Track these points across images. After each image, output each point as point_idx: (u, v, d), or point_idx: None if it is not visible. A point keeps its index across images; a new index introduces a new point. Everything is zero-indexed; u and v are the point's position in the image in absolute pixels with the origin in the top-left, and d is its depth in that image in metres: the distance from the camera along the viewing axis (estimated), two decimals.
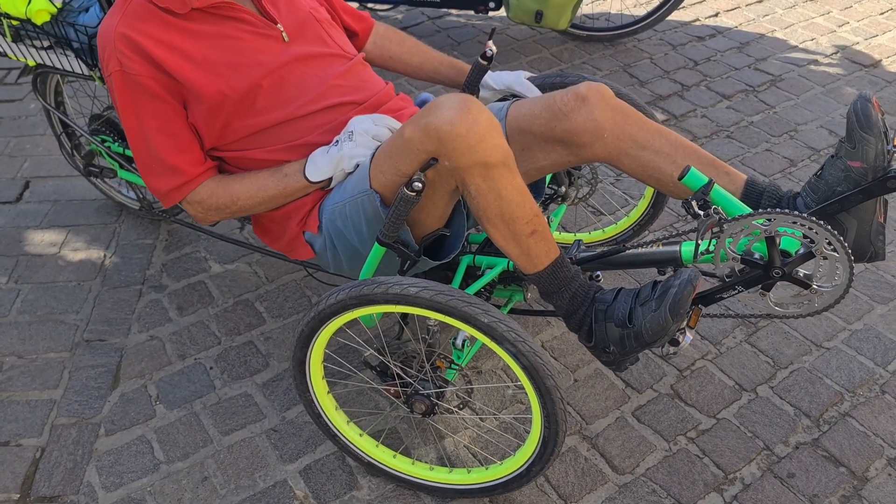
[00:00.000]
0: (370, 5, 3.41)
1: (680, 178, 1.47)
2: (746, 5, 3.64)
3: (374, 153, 1.53)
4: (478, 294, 1.73)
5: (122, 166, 2.19)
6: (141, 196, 2.31)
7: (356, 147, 1.55)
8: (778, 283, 1.45)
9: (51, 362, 1.97)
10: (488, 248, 1.81)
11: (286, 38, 1.67)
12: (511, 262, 1.73)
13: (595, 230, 2.26)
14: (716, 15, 3.58)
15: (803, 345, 2.00)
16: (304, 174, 1.59)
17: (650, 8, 3.38)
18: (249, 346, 2.02)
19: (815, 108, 2.92)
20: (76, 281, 2.22)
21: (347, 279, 1.94)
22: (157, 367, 1.96)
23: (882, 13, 3.54)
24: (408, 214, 1.47)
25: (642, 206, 2.11)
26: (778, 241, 1.41)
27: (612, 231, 2.20)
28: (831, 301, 1.43)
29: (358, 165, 1.57)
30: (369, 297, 1.43)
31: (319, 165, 1.58)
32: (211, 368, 1.96)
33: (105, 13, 1.85)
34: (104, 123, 2.16)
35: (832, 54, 3.25)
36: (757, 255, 1.45)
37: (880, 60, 3.20)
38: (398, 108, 1.77)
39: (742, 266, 1.47)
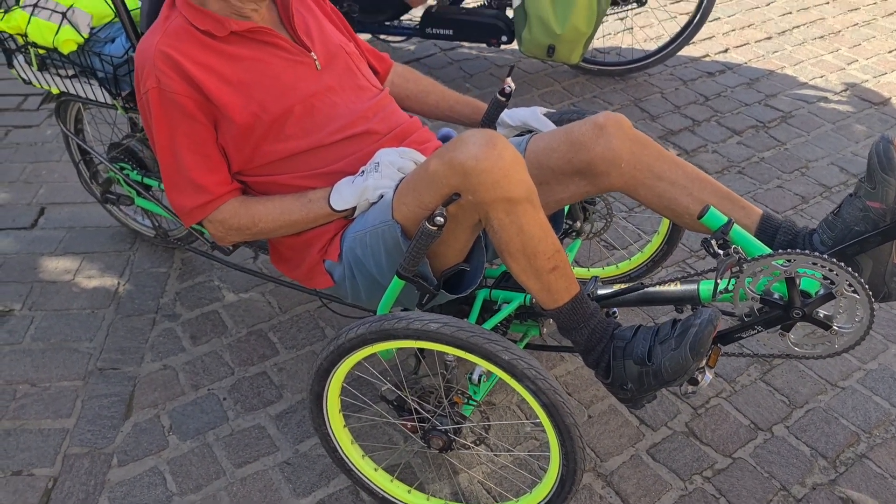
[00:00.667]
0: (383, 37, 3.45)
1: (699, 217, 1.48)
2: (756, 42, 3.68)
3: (398, 185, 1.54)
4: (494, 329, 1.73)
5: (139, 194, 2.21)
6: (156, 224, 2.32)
7: (381, 178, 1.57)
8: (797, 323, 1.45)
9: (64, 391, 1.97)
10: (504, 282, 1.81)
11: (319, 67, 1.70)
12: (528, 297, 1.73)
13: (609, 265, 2.26)
14: (725, 51, 3.61)
15: (818, 384, 2.00)
16: (329, 202, 1.60)
17: (661, 43, 3.41)
18: (263, 377, 2.02)
19: (826, 146, 2.93)
20: (90, 308, 2.22)
21: (363, 310, 1.94)
22: (171, 397, 1.96)
23: (890, 51, 3.58)
24: (428, 248, 1.47)
25: (656, 241, 2.12)
26: (798, 282, 1.41)
27: (625, 267, 2.21)
28: (852, 342, 1.43)
29: (382, 196, 1.58)
30: (390, 332, 1.43)
31: (344, 195, 1.59)
32: (224, 399, 1.95)
33: (131, 44, 1.87)
34: (123, 151, 2.18)
35: (841, 91, 3.28)
36: (776, 296, 1.45)
37: (890, 98, 3.23)
38: (423, 140, 1.79)
39: (761, 306, 1.47)
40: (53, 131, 3.01)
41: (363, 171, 1.60)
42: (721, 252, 1.45)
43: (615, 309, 1.68)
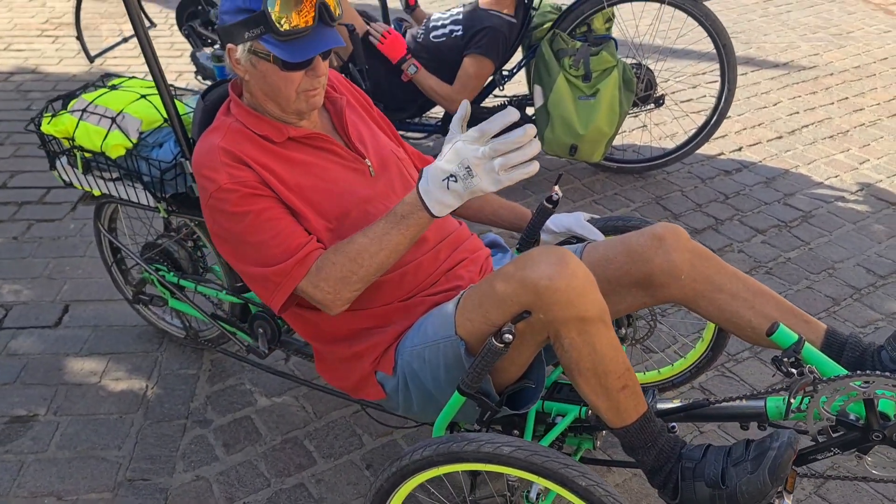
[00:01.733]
0: (401, 132, 3.50)
1: (768, 334, 1.46)
2: (767, 141, 3.76)
3: (460, 298, 1.52)
4: (550, 443, 1.68)
5: (173, 295, 2.17)
6: (187, 324, 2.28)
7: (481, 182, 1.34)
8: (876, 446, 1.41)
9: None
10: (556, 393, 1.77)
11: (373, 173, 1.70)
12: (583, 410, 1.69)
13: (650, 370, 2.22)
14: (739, 149, 3.68)
15: (875, 499, 1.94)
16: (429, 212, 1.41)
17: (678, 142, 3.48)
18: (300, 489, 1.94)
19: (850, 246, 2.96)
20: (118, 413, 2.14)
21: (402, 417, 1.88)
22: None
23: None
24: (493, 365, 1.44)
25: (701, 347, 2.09)
26: (876, 403, 1.38)
27: (668, 372, 2.17)
28: None
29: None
30: (459, 454, 1.38)
31: (445, 201, 1.39)
32: None
33: (181, 149, 1.87)
34: (159, 253, 2.16)
35: (857, 191, 3.33)
36: (852, 416, 1.42)
37: None
38: (474, 248, 1.78)
39: (836, 426, 1.43)
40: (77, 225, 2.98)
41: (455, 176, 1.35)
42: (794, 371, 1.42)
43: (674, 424, 1.64)
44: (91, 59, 2.89)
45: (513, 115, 1.31)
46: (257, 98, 1.64)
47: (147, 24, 3.17)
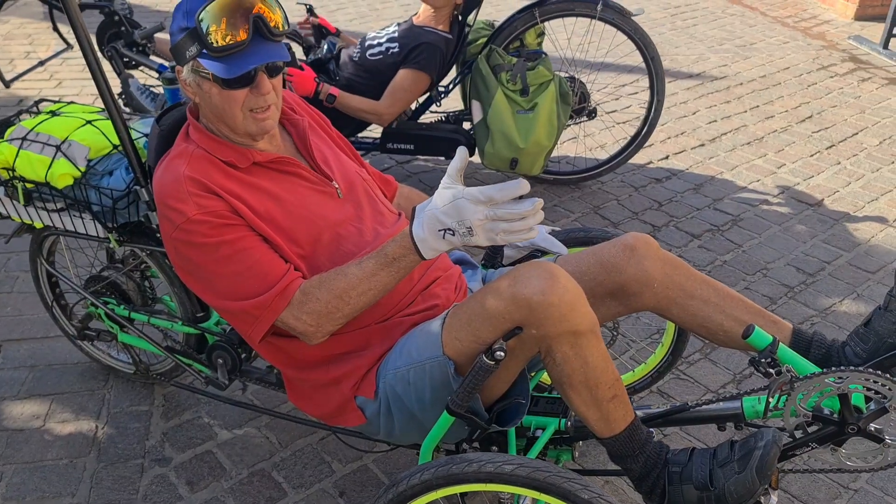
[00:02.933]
0: None
1: (744, 337, 1.51)
2: (692, 149, 3.91)
3: (445, 318, 1.50)
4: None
5: (123, 329, 2.07)
6: (136, 358, 2.17)
7: (478, 240, 1.35)
8: (850, 438, 1.48)
9: None
10: (534, 406, 1.78)
11: (340, 195, 1.67)
12: (563, 421, 1.70)
13: None
14: (666, 158, 3.82)
15: (832, 488, 2.03)
16: (421, 256, 1.40)
17: (611, 152, 3.57)
18: None
19: (779, 246, 3.11)
20: (67, 458, 2.02)
21: (371, 440, 1.84)
22: None
23: (811, 155, 3.88)
24: (483, 383, 1.43)
25: (660, 352, 2.14)
26: (850, 398, 1.45)
27: (629, 378, 2.21)
28: None
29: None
30: (459, 476, 1.36)
31: (439, 248, 1.38)
32: None
33: (134, 177, 1.78)
34: (107, 285, 2.05)
35: (778, 194, 3.51)
36: (827, 411, 1.49)
37: (822, 200, 3.47)
38: (445, 266, 1.77)
39: (813, 422, 1.50)
40: (0, 260, 2.81)
41: (452, 230, 1.34)
42: (773, 371, 1.48)
43: (652, 430, 1.68)
44: (7, 84, 2.73)
45: (523, 187, 1.30)
46: (210, 120, 1.59)
47: (63, 45, 3.01)
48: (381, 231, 1.70)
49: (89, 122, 1.86)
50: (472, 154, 3.29)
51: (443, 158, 3.55)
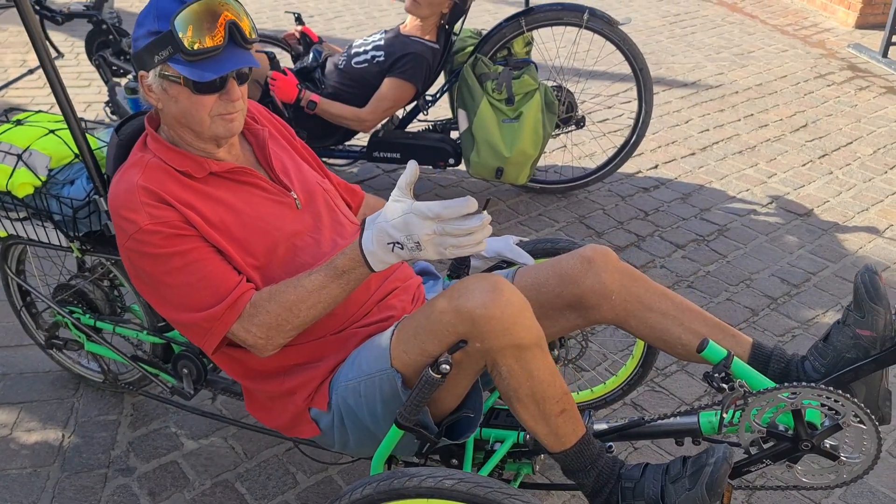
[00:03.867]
0: (325, 159, 3.45)
1: (698, 351, 1.49)
2: (682, 158, 3.88)
3: (394, 330, 1.49)
4: (491, 471, 1.66)
5: (89, 338, 2.07)
6: (105, 368, 2.17)
7: (427, 254, 1.34)
8: (805, 455, 1.45)
9: None
10: (493, 419, 1.76)
11: (299, 206, 1.66)
12: (521, 435, 1.68)
13: (583, 390, 2.24)
14: (656, 167, 3.79)
15: (804, 502, 2.00)
16: (371, 269, 1.40)
17: (599, 162, 3.55)
18: None
19: (764, 257, 3.07)
20: (31, 467, 2.01)
21: (337, 453, 1.83)
22: None
23: (803, 165, 3.84)
24: (430, 396, 1.42)
25: (631, 365, 2.12)
26: (803, 413, 1.43)
27: (600, 391, 2.19)
28: (860, 472, 1.44)
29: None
30: (400, 490, 1.34)
31: (388, 261, 1.38)
32: None
33: (94, 186, 1.78)
34: (74, 294, 2.05)
35: (768, 204, 3.47)
36: (782, 427, 1.46)
37: (812, 209, 3.43)
38: (405, 277, 1.76)
39: (767, 438, 1.47)
40: None
41: (401, 244, 1.34)
42: (725, 386, 1.46)
43: (611, 444, 1.66)
44: None
45: (471, 205, 1.29)
46: (173, 128, 1.58)
47: (54, 54, 3.03)
48: (339, 242, 1.69)
49: (52, 131, 1.86)
50: (457, 163, 3.28)
51: (429, 167, 3.54)
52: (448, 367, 1.37)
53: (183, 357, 1.93)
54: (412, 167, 1.39)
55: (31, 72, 3.57)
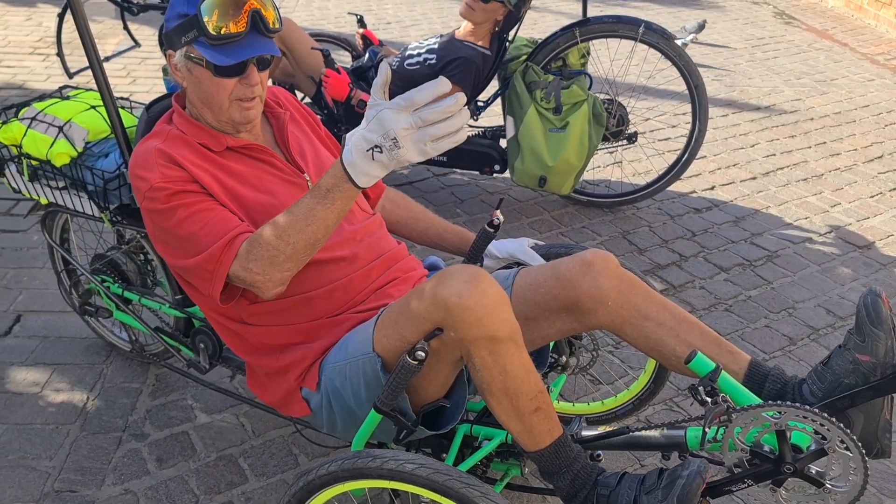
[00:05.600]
0: None
1: (686, 363, 1.45)
2: (741, 181, 3.77)
3: (379, 315, 1.51)
4: (474, 467, 1.66)
5: (118, 307, 2.17)
6: (133, 338, 2.27)
7: (407, 153, 1.28)
8: (789, 479, 1.39)
9: None
10: (487, 417, 1.75)
11: (311, 188, 1.70)
12: (510, 436, 1.67)
13: (594, 401, 2.20)
14: (712, 188, 3.69)
15: None
16: (355, 185, 1.35)
17: (650, 179, 3.49)
18: None
19: (812, 287, 2.95)
20: (54, 424, 2.13)
21: (339, 438, 1.86)
22: None
23: (872, 196, 3.66)
24: (408, 383, 1.43)
25: (643, 380, 2.07)
26: (789, 435, 1.37)
27: (611, 403, 2.15)
28: (846, 501, 1.36)
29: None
30: (363, 470, 1.36)
31: (371, 172, 1.33)
32: None
33: (124, 159, 1.88)
34: (107, 264, 2.16)
35: (826, 234, 3.33)
36: (767, 448, 1.40)
37: (873, 242, 3.27)
38: (409, 268, 1.78)
39: (751, 458, 1.41)
40: (40, 237, 2.99)
41: (379, 147, 1.28)
42: (709, 400, 1.41)
43: (599, 452, 1.63)
44: (70, 76, 2.93)
45: (444, 85, 1.23)
46: (195, 106, 1.66)
47: (132, 43, 3.21)
48: (345, 227, 1.73)
49: (93, 107, 1.97)
50: (503, 170, 3.29)
51: (477, 173, 3.56)
52: (423, 353, 1.38)
53: (201, 332, 2.00)
54: (384, 68, 1.33)
55: (107, 59, 3.77)
